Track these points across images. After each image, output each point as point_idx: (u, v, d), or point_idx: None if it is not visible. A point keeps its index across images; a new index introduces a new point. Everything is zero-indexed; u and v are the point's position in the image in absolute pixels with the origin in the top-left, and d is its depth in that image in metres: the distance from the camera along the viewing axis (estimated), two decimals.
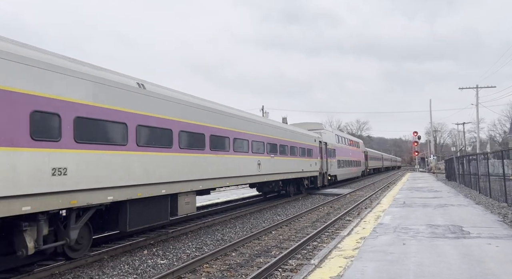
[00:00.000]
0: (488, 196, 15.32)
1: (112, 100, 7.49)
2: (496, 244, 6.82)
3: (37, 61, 6.13)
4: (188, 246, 8.74)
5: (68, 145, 6.46)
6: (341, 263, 5.93)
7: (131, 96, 7.97)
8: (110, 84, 7.52)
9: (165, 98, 9.11)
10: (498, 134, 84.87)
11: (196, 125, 10.23)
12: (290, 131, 18.91)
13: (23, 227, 5.94)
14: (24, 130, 5.77)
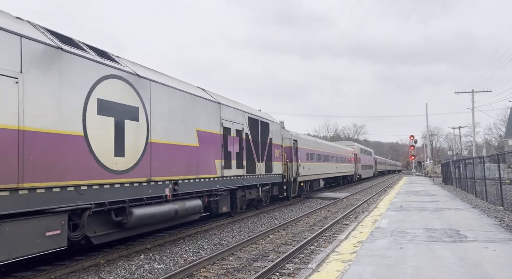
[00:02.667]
0: (484, 199, 15.38)
1: (324, 148, 27.40)
2: (493, 248, 6.84)
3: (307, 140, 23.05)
4: (185, 250, 8.71)
5: (305, 160, 21.58)
6: (339, 267, 5.92)
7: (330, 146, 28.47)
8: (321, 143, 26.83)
9: (334, 149, 28.86)
10: (494, 138, 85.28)
11: (328, 152, 28.19)
12: (342, 148, 34.63)
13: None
14: (298, 157, 20.17)
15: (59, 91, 6.42)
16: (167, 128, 9.03)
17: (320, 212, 15.57)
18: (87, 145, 6.86)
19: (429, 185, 30.33)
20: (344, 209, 16.53)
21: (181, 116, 9.64)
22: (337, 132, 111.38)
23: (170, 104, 9.27)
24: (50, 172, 6.08)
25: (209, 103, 11.13)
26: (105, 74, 7.39)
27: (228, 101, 12.75)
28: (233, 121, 12.51)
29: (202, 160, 10.41)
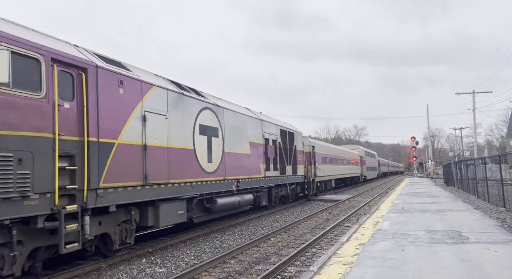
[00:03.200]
0: (486, 201, 15.34)
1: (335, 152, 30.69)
2: (494, 249, 6.82)
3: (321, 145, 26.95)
4: (186, 254, 8.70)
5: (320, 163, 24.01)
6: (340, 270, 5.91)
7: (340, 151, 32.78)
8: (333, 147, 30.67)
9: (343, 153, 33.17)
10: (496, 138, 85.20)
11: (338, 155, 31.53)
12: (349, 152, 37.41)
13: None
14: (315, 161, 22.92)
15: (182, 121, 9.56)
16: (232, 141, 12.23)
17: (321, 214, 15.55)
18: (195, 155, 10.02)
19: (430, 186, 30.28)
20: (345, 211, 16.51)
21: (240, 132, 12.91)
22: (338, 134, 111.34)
23: (234, 124, 12.49)
24: (179, 173, 9.19)
25: (255, 120, 14.41)
26: (201, 107, 10.61)
27: (266, 117, 16.20)
28: (270, 133, 15.70)
29: (252, 164, 13.60)
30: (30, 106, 5.75)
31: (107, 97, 7.17)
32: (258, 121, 14.66)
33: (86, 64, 6.81)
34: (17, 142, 5.49)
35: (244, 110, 14.23)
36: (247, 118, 13.70)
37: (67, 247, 6.11)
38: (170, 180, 8.79)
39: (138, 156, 7.89)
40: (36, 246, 6.12)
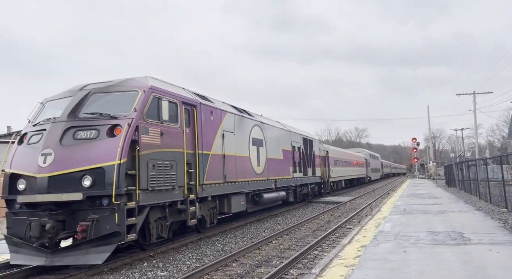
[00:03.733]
0: (488, 201, 15.30)
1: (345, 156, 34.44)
2: (497, 251, 6.80)
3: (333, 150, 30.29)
4: (188, 257, 8.69)
5: (332, 165, 27.27)
6: (342, 272, 5.90)
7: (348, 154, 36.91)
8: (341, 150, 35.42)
9: (351, 156, 36.99)
10: (497, 139, 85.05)
11: (348, 159, 35.19)
12: (356, 155, 40.76)
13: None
14: (329, 163, 25.98)
15: (242, 136, 12.68)
16: (272, 149, 15.32)
17: (323, 217, 15.52)
18: (250, 161, 13.11)
19: (432, 187, 30.22)
20: (347, 213, 16.48)
21: (276, 142, 16.00)
22: (339, 135, 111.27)
23: (272, 135, 15.59)
24: (242, 174, 12.28)
25: (285, 132, 17.50)
26: (253, 124, 13.77)
27: (292, 128, 19.33)
28: (296, 141, 18.79)
29: (284, 167, 16.64)
30: (174, 133, 8.78)
31: (205, 123, 10.22)
32: (287, 132, 17.87)
33: (195, 102, 9.91)
34: (170, 155, 8.51)
35: (276, 123, 17.37)
36: (280, 130, 16.99)
37: (191, 221, 9.31)
38: (237, 179, 11.99)
39: (220, 163, 10.88)
40: (173, 220, 9.07)
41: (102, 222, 7.03)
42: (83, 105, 7.82)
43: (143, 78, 8.69)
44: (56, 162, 7.11)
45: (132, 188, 7.36)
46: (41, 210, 7.12)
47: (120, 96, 8.02)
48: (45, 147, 7.23)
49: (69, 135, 7.43)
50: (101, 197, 7.08)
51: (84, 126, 7.54)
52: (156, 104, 8.21)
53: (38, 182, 7.11)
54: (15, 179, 7.50)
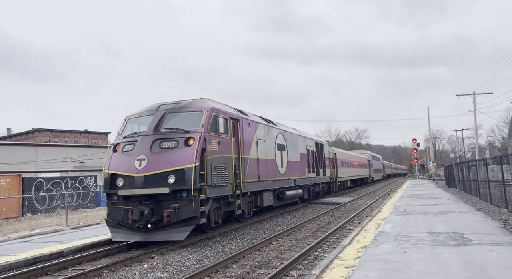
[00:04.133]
0: (488, 202, 15.29)
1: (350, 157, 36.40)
2: (497, 251, 6.79)
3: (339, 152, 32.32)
4: (188, 258, 8.68)
5: (339, 166, 29.65)
6: (342, 273, 5.90)
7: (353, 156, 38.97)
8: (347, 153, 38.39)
9: (355, 158, 39.02)
10: (497, 139, 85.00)
11: (353, 160, 37.37)
12: (359, 156, 42.62)
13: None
14: (337, 165, 28.73)
15: (270, 142, 14.82)
16: (291, 153, 17.46)
17: (323, 218, 15.51)
18: (275, 163, 15.24)
19: (432, 188, 30.20)
20: (347, 214, 16.46)
21: (295, 146, 18.23)
22: (339, 136, 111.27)
23: (291, 141, 17.73)
24: (270, 174, 14.44)
25: (301, 137, 19.75)
26: (277, 132, 15.94)
27: (306, 134, 21.87)
28: (310, 145, 21.09)
29: (301, 168, 18.89)
30: (226, 142, 11.08)
31: (245, 133, 12.50)
32: (303, 138, 20.09)
33: (238, 117, 12.24)
34: (224, 159, 10.82)
35: (294, 130, 19.53)
36: (298, 136, 19.16)
37: (237, 211, 11.66)
38: (267, 179, 14.17)
39: (255, 165, 13.17)
40: (225, 210, 11.43)
41: (182, 209, 9.31)
42: (162, 122, 10.22)
43: (204, 101, 11.23)
44: (149, 165, 9.41)
45: (202, 184, 9.65)
46: (137, 201, 9.43)
47: (190, 115, 10.44)
48: (140, 154, 9.57)
49: (156, 145, 9.72)
50: (182, 191, 9.38)
51: (166, 138, 9.84)
52: (215, 121, 10.60)
53: (136, 180, 9.40)
54: (114, 178, 9.77)
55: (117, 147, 10.27)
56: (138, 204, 9.38)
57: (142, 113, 10.95)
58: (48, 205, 23.17)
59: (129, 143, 10.09)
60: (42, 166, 41.25)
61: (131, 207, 9.39)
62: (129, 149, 9.94)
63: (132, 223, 9.34)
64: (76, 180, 27.04)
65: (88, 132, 70.78)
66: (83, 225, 15.06)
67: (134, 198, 9.55)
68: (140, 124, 10.75)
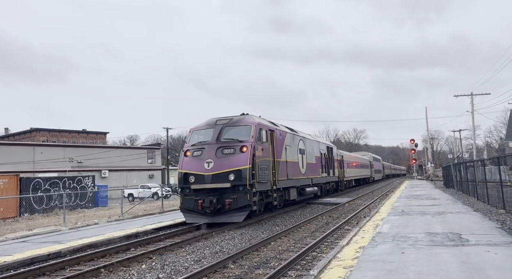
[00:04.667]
0: (486, 203, 15.33)
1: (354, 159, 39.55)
2: (495, 252, 6.81)
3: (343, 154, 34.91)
4: (186, 259, 8.68)
5: (346, 167, 32.74)
6: (340, 273, 5.90)
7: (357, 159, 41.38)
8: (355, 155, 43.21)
9: (359, 159, 42.24)
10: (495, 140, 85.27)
11: (356, 161, 40.29)
12: (362, 158, 45.23)
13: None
14: (343, 166, 31.82)
15: (293, 148, 17.47)
16: (309, 156, 20.48)
17: (321, 218, 15.52)
18: (298, 165, 17.99)
19: (430, 188, 30.26)
20: (345, 214, 16.48)
21: (311, 150, 21.20)
22: (337, 137, 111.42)
23: (309, 146, 20.81)
24: (295, 174, 17.25)
25: (316, 142, 23.09)
26: (299, 139, 18.81)
27: (320, 139, 27.32)
28: (322, 149, 24.24)
29: (316, 169, 21.83)
30: (266, 148, 14.06)
31: (278, 141, 15.34)
32: (317, 143, 23.60)
33: (273, 128, 15.26)
34: (265, 162, 13.80)
35: (310, 136, 22.71)
36: (314, 141, 22.46)
37: (274, 202, 14.69)
38: (293, 177, 16.97)
39: (285, 166, 15.94)
40: (266, 201, 14.23)
41: (240, 199, 12.50)
42: (221, 134, 13.42)
43: (250, 117, 14.55)
44: (215, 167, 12.60)
45: (253, 181, 12.70)
46: (206, 193, 12.59)
47: (241, 128, 13.55)
48: (208, 158, 12.78)
49: (219, 151, 12.92)
50: (239, 185, 12.48)
51: (226, 146, 13.03)
52: (260, 133, 13.78)
53: (205, 177, 12.60)
54: (186, 176, 12.94)
55: (187, 152, 13.41)
56: (207, 195, 12.51)
57: (203, 126, 14.17)
58: (46, 205, 23.11)
59: (197, 149, 13.26)
60: (40, 166, 41.15)
61: (200, 197, 12.55)
62: (198, 154, 13.08)
63: (202, 209, 12.49)
64: (74, 180, 27.00)
65: (86, 132, 70.64)
66: (81, 225, 15.03)
67: (203, 191, 12.66)
68: (203, 135, 13.87)
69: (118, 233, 12.02)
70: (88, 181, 27.92)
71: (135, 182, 47.46)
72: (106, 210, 23.64)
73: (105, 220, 16.25)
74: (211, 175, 12.52)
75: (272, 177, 14.38)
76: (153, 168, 54.82)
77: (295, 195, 17.45)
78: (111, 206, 27.20)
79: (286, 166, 16.12)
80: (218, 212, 12.60)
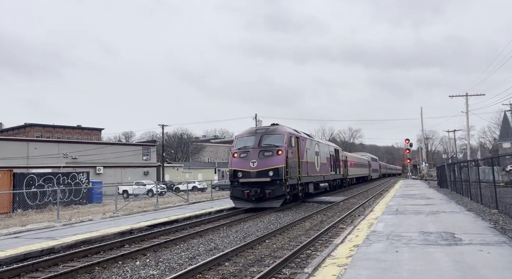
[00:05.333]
0: (479, 202, 15.45)
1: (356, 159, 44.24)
2: (487, 251, 6.87)
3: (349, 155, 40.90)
4: (180, 256, 8.66)
5: (349, 166, 36.96)
6: (335, 272, 5.92)
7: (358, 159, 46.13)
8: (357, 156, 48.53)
9: (359, 159, 47.23)
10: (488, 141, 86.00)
11: (357, 161, 44.84)
12: (361, 158, 49.13)
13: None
14: (347, 165, 35.85)
15: (311, 150, 22.08)
16: (322, 156, 24.33)
17: (316, 216, 15.56)
18: (314, 164, 22.64)
19: (424, 188, 30.45)
20: (340, 213, 16.54)
21: (323, 152, 25.07)
22: (333, 136, 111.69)
23: (322, 149, 24.65)
24: (312, 171, 21.80)
25: (326, 146, 27.41)
26: (314, 143, 23.29)
27: (330, 143, 31.55)
28: (331, 151, 28.37)
29: (327, 168, 25.74)
30: (294, 151, 18.38)
31: (301, 145, 19.32)
32: (328, 146, 28.05)
33: (298, 135, 19.40)
34: (294, 162, 18.11)
35: (321, 140, 29.00)
36: (325, 145, 27.19)
37: (299, 194, 19.08)
38: (311, 174, 21.00)
39: (305, 165, 19.80)
40: (293, 193, 18.09)
41: (277, 190, 16.36)
42: (261, 140, 17.40)
43: (282, 127, 18.68)
44: (258, 165, 16.48)
45: (286, 176, 16.64)
46: (250, 185, 16.45)
47: (277, 136, 17.58)
48: (252, 159, 16.73)
49: (261, 153, 16.89)
50: (276, 180, 16.35)
51: (266, 150, 16.97)
52: (290, 140, 17.76)
53: (251, 173, 16.52)
54: (235, 172, 16.90)
55: (235, 154, 17.50)
56: (252, 187, 16.50)
57: (246, 134, 18.43)
58: (40, 201, 22.96)
59: (243, 152, 17.30)
60: (33, 161, 40.86)
61: (246, 188, 16.57)
62: (245, 156, 17.14)
63: (248, 198, 16.50)
64: (68, 176, 26.84)
65: (81, 128, 70.24)
66: (75, 221, 14.95)
67: (248, 183, 16.61)
68: (245, 141, 17.90)
69: (112, 229, 11.97)
70: (82, 177, 27.76)
71: (129, 179, 47.28)
72: (100, 207, 23.53)
73: (99, 217, 16.17)
74: (256, 172, 16.64)
75: (298, 174, 18.64)
76: (148, 165, 54.67)
77: (312, 189, 21.70)
78: (106, 202, 27.08)
79: (306, 166, 20.35)
80: (260, 199, 16.56)
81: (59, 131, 66.26)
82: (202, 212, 16.60)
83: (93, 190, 27.88)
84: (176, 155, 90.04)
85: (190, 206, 20.54)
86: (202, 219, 14.79)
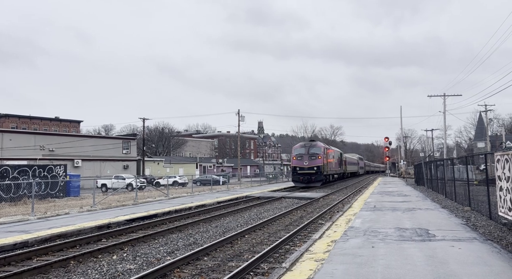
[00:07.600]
0: (453, 200, 15.93)
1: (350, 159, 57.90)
2: (459, 247, 7.11)
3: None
4: (159, 250, 8.60)
5: (346, 164, 52.95)
6: (312, 266, 6.00)
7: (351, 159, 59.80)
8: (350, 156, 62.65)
9: (352, 159, 60.09)
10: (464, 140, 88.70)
11: (351, 161, 57.80)
12: (352, 157, 61.68)
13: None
14: (345, 163, 50.26)
15: (330, 155, 37.73)
16: (334, 158, 40.34)
17: (296, 212, 15.71)
18: (333, 163, 39.49)
19: (402, 185, 31.16)
20: (319, 209, 16.75)
21: (334, 155, 40.29)
22: (314, 133, 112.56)
23: (334, 153, 40.86)
24: (331, 167, 38.82)
25: (336, 152, 42.79)
26: (332, 150, 40.75)
27: (336, 149, 47.05)
28: (337, 154, 42.01)
29: (336, 165, 40.16)
30: (325, 156, 35.24)
31: (328, 153, 35.81)
32: (337, 151, 42.12)
33: (326, 147, 36.71)
34: (325, 162, 35.15)
35: (333, 148, 43.72)
36: (336, 151, 41.80)
37: (327, 180, 36.93)
38: (331, 169, 36.56)
39: (330, 164, 36.36)
40: (325, 179, 34.97)
41: (318, 177, 31.77)
42: (309, 150, 32.78)
43: (319, 143, 36.01)
44: (308, 164, 31.94)
45: (324, 170, 32.70)
46: (304, 174, 31.81)
47: (317, 148, 33.16)
48: (305, 160, 32.16)
49: (310, 157, 32.39)
50: (318, 172, 31.79)
51: (312, 155, 32.44)
52: (324, 150, 33.76)
53: (304, 168, 31.81)
54: (295, 168, 32.41)
55: (293, 157, 32.72)
56: (304, 175, 31.40)
57: (299, 146, 33.79)
58: (14, 193, 22.31)
59: (299, 156, 32.21)
60: (8, 153, 39.61)
61: (301, 176, 31.53)
62: (300, 158, 32.01)
63: (302, 181, 31.46)
64: (44, 168, 26.16)
65: (59, 120, 68.48)
66: (50, 215, 14.61)
67: (302, 174, 31.43)
68: (299, 150, 32.82)
69: (89, 223, 11.76)
70: (59, 170, 27.11)
71: (109, 173, 46.47)
72: (78, 200, 23.07)
73: (76, 210, 15.86)
74: (307, 167, 31.27)
75: (327, 169, 32.95)
76: (128, 159, 53.83)
77: (331, 178, 36.66)
78: (83, 196, 26.56)
79: (330, 164, 35.06)
80: (309, 182, 31.05)
81: (36, 123, 64.43)
82: (182, 207, 16.50)
83: (70, 183, 27.27)
84: (157, 149, 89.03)
85: (170, 201, 20.38)
86: (182, 214, 14.71)
